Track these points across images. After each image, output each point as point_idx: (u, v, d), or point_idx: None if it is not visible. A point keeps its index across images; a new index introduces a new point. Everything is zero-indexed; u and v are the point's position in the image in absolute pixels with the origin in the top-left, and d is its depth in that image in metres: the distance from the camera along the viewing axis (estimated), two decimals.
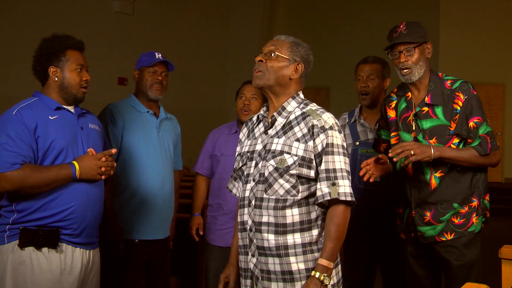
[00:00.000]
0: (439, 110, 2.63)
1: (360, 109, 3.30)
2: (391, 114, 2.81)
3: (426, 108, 2.65)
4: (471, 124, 2.60)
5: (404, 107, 2.73)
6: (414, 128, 2.67)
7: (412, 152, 2.53)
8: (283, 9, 11.60)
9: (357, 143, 3.21)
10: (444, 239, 2.66)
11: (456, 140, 2.63)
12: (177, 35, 9.16)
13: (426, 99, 2.64)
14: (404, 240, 2.84)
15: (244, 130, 2.38)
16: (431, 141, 2.63)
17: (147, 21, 8.60)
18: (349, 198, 2.11)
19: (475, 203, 2.67)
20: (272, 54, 2.20)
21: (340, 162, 2.13)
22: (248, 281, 2.25)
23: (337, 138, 2.15)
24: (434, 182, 2.65)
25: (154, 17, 8.78)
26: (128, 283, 2.95)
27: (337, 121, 2.20)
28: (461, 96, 2.60)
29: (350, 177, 2.16)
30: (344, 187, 2.11)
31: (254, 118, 2.35)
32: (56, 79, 2.47)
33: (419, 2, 10.51)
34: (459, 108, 2.60)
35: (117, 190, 2.94)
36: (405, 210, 2.79)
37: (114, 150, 2.50)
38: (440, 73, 2.72)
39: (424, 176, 2.66)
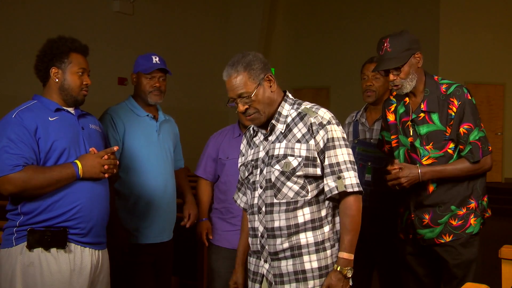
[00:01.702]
0: (435, 116, 2.64)
1: (365, 108, 3.32)
2: (390, 117, 2.83)
3: (422, 114, 2.67)
4: (461, 130, 2.61)
5: (402, 111, 2.76)
6: (411, 134, 2.70)
7: (400, 181, 2.62)
8: (283, 9, 11.60)
9: (356, 141, 3.24)
10: (443, 241, 2.68)
11: (452, 145, 2.64)
12: (177, 35, 9.16)
13: (422, 106, 2.66)
14: (403, 240, 2.85)
15: (244, 141, 2.39)
16: (427, 146, 2.65)
17: (147, 21, 8.60)
18: (356, 189, 2.13)
19: (473, 204, 2.67)
20: (248, 97, 2.17)
21: (342, 154, 2.15)
22: (257, 285, 2.26)
23: (336, 131, 2.17)
24: (431, 186, 2.67)
25: (154, 17, 8.78)
26: (138, 285, 2.96)
27: (332, 114, 2.21)
28: (455, 102, 2.61)
29: (355, 167, 2.17)
30: (350, 179, 2.13)
31: (251, 129, 2.35)
32: (57, 80, 2.46)
33: (419, 2, 10.51)
34: (453, 113, 2.61)
35: (122, 196, 2.95)
36: (405, 211, 2.81)
37: (116, 148, 2.50)
38: (436, 76, 2.72)
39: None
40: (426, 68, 2.77)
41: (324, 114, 2.18)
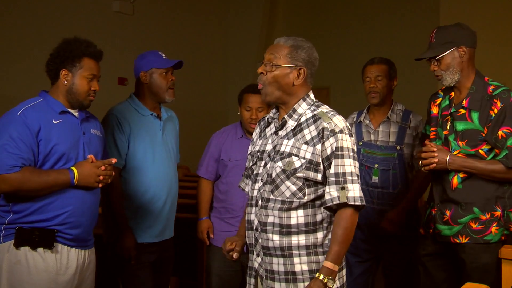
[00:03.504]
0: (475, 115, 2.61)
1: (367, 109, 3.32)
2: (434, 110, 2.82)
3: (462, 110, 2.64)
4: (500, 133, 2.56)
5: (445, 105, 2.75)
6: (448, 127, 2.68)
7: (433, 154, 2.60)
8: (283, 9, 11.59)
9: (360, 143, 3.23)
10: (458, 241, 2.63)
11: (485, 146, 2.60)
12: (177, 35, 9.15)
13: (464, 102, 2.64)
14: (423, 236, 2.82)
15: (257, 130, 2.39)
16: (461, 142, 2.62)
17: (147, 21, 8.59)
18: (358, 202, 2.10)
19: (498, 212, 2.61)
20: (272, 65, 2.17)
21: (350, 165, 2.11)
22: (252, 280, 2.27)
23: (347, 141, 2.13)
24: (455, 182, 2.64)
25: (154, 17, 8.77)
26: (138, 284, 2.96)
27: (348, 124, 2.18)
28: (498, 104, 2.57)
29: (359, 181, 2.14)
30: (354, 191, 2.09)
31: (266, 118, 2.34)
32: (66, 82, 2.46)
33: (419, 2, 10.50)
34: (493, 114, 2.57)
35: (126, 197, 2.95)
36: (430, 206, 2.79)
37: (114, 160, 2.50)
38: (486, 77, 2.69)
39: (448, 174, 2.65)
40: (426, 69, 2.77)
41: (339, 122, 2.15)
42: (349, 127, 2.19)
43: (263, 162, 2.24)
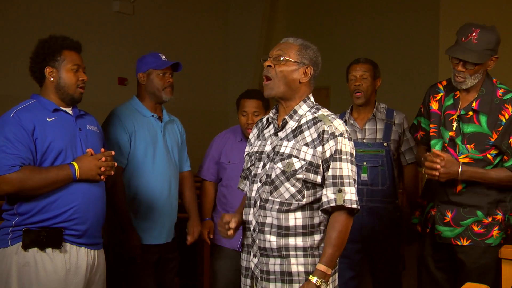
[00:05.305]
0: (483, 118, 2.57)
1: (351, 110, 3.33)
2: (434, 105, 2.76)
3: (471, 113, 2.60)
4: (511, 141, 2.54)
5: (450, 104, 2.69)
6: (454, 129, 2.63)
7: (437, 172, 2.53)
8: (283, 9, 11.60)
9: None
10: (459, 243, 2.63)
11: (494, 151, 2.58)
12: (177, 35, 9.16)
13: (474, 104, 2.59)
14: (422, 235, 2.82)
15: (254, 131, 2.38)
16: (469, 146, 2.59)
17: (147, 21, 8.59)
18: (354, 206, 2.10)
19: (499, 216, 2.61)
20: (281, 59, 2.18)
21: (348, 169, 2.12)
22: (248, 281, 2.26)
23: (346, 145, 2.14)
24: (460, 185, 2.62)
25: (154, 17, 8.77)
26: (141, 284, 2.96)
27: (347, 128, 2.19)
28: (510, 109, 2.54)
29: (356, 185, 2.15)
30: (350, 194, 2.10)
31: (264, 120, 2.35)
32: (52, 79, 2.46)
33: (419, 2, 10.51)
34: (504, 120, 2.54)
35: (127, 197, 2.95)
36: (428, 204, 2.77)
37: (113, 152, 2.50)
38: (494, 79, 2.66)
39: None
40: (426, 69, 2.76)
41: (339, 125, 2.16)
42: (349, 131, 2.20)
43: (261, 163, 2.23)
